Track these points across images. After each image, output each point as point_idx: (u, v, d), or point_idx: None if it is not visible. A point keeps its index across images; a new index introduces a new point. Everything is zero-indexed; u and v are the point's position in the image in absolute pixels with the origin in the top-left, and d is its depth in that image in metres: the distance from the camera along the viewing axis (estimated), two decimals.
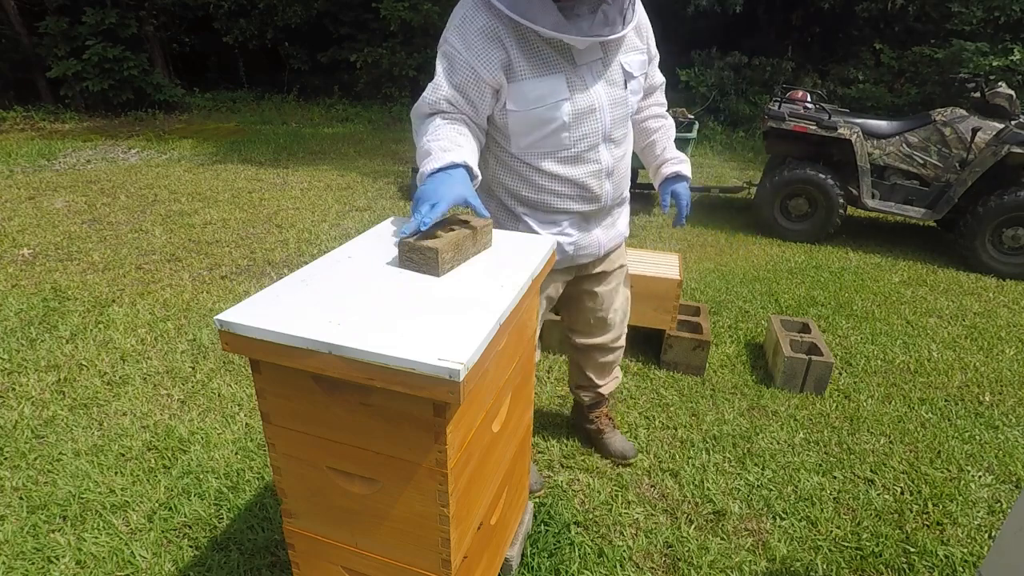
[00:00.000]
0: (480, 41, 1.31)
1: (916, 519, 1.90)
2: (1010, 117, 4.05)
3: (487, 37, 1.31)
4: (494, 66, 1.32)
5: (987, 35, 7.87)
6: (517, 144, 1.43)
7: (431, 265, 1.13)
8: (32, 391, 2.40)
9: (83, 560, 1.65)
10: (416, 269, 1.15)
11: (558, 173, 1.46)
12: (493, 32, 1.31)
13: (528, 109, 1.36)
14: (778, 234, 4.67)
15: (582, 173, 1.47)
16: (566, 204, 1.51)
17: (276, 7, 10.75)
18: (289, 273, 1.46)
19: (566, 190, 1.48)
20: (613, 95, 1.44)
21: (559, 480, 2.01)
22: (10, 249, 3.91)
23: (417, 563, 1.11)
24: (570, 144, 1.43)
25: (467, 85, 1.33)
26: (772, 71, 9.17)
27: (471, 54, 1.31)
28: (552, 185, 1.47)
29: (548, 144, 1.42)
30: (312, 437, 1.06)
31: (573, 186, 1.48)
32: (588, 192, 1.51)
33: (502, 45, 1.31)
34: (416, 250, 1.13)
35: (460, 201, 1.20)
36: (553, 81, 1.35)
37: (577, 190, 1.49)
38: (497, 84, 1.34)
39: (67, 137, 7.91)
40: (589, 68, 1.39)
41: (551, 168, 1.45)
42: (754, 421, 2.35)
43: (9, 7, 9.49)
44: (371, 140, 8.26)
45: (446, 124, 1.33)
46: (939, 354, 2.95)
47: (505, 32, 1.31)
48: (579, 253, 1.60)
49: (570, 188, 1.48)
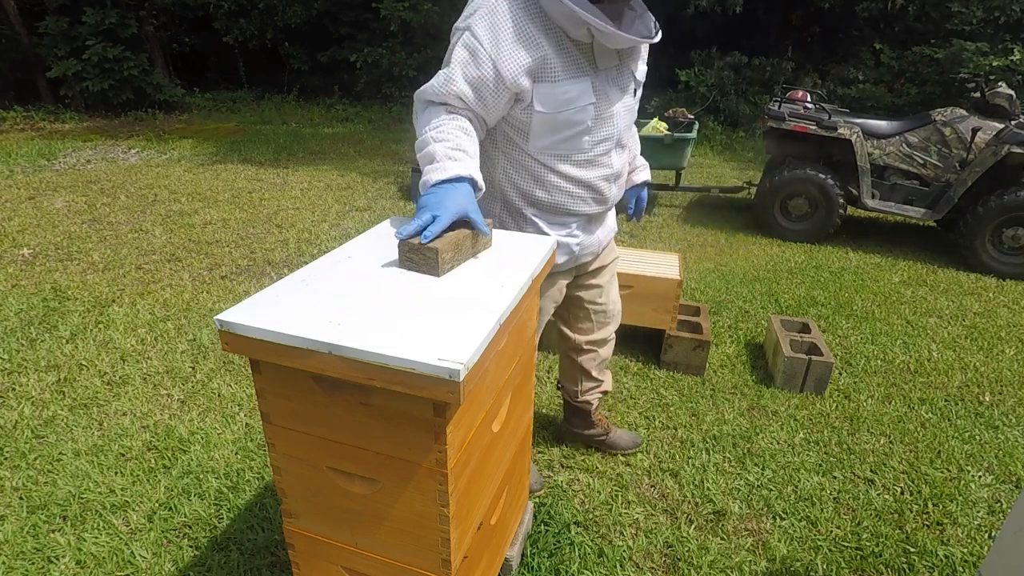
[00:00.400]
0: (510, 41, 1.26)
1: (916, 519, 1.90)
2: (1010, 117, 4.05)
3: (520, 37, 1.26)
4: (520, 69, 1.28)
5: (987, 35, 7.87)
6: (535, 145, 1.42)
7: (431, 265, 1.13)
8: (32, 391, 2.40)
9: (83, 560, 1.65)
10: (416, 269, 1.15)
11: (573, 175, 1.46)
12: (526, 32, 1.27)
13: (557, 111, 1.35)
14: (778, 234, 4.67)
15: (595, 176, 1.48)
16: (578, 206, 1.51)
17: (276, 7, 10.75)
18: (289, 273, 1.46)
19: (580, 192, 1.49)
20: (625, 102, 1.46)
21: (559, 480, 2.01)
22: (10, 249, 3.91)
23: (417, 563, 1.11)
24: (588, 148, 1.43)
25: (484, 84, 1.29)
26: (772, 71, 9.17)
27: (498, 53, 1.26)
28: (567, 187, 1.47)
29: (567, 147, 1.42)
30: (312, 437, 1.06)
31: (586, 188, 1.49)
32: (599, 195, 1.53)
33: (535, 45, 1.28)
34: (416, 250, 1.13)
35: (462, 215, 1.18)
36: (582, 84, 1.35)
37: (590, 193, 1.50)
38: (518, 88, 1.30)
39: (67, 137, 7.91)
40: (607, 74, 1.39)
41: (567, 170, 1.45)
42: (754, 421, 2.35)
43: (9, 7, 9.48)
44: (371, 140, 8.26)
45: (450, 120, 1.29)
46: (939, 354, 2.95)
47: (538, 32, 1.28)
48: (583, 252, 1.63)
49: (583, 190, 1.49)
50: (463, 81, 1.28)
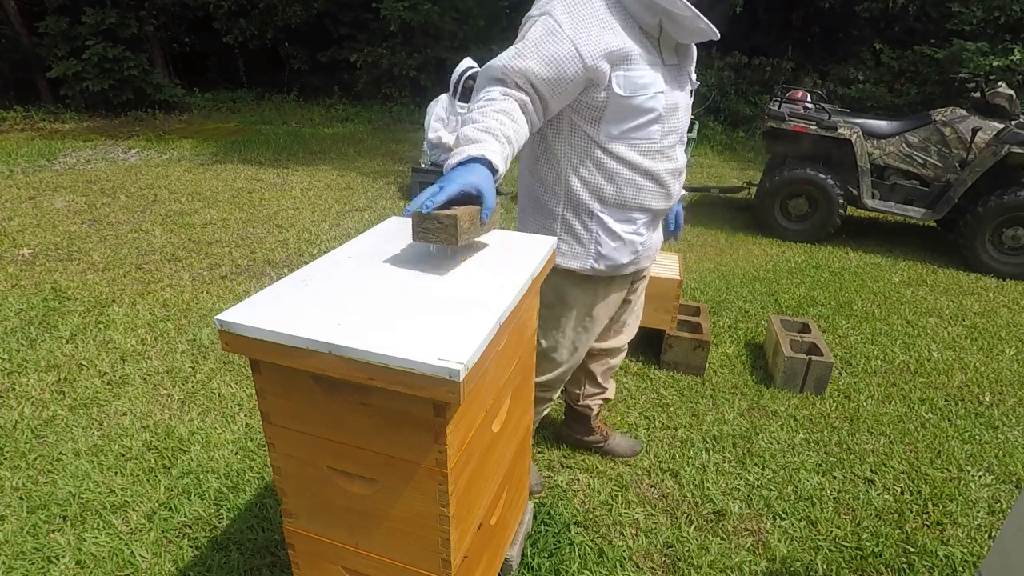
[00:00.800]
0: (590, 25, 1.28)
1: (916, 519, 1.90)
2: (1010, 117, 4.05)
3: (600, 22, 1.28)
4: (600, 52, 1.28)
5: (987, 35, 7.87)
6: (607, 132, 1.41)
7: (449, 232, 1.08)
8: (32, 391, 2.40)
9: (83, 560, 1.65)
10: (432, 239, 1.10)
11: (642, 166, 1.45)
12: (604, 18, 1.29)
13: (633, 95, 1.35)
14: (778, 234, 4.67)
15: (662, 169, 1.48)
16: (645, 200, 1.50)
17: (276, 7, 10.76)
18: (289, 273, 1.46)
19: (647, 184, 1.48)
20: (685, 99, 1.47)
21: (559, 480, 2.01)
22: (10, 249, 3.91)
23: (417, 563, 1.11)
24: (658, 138, 1.43)
25: (560, 63, 1.28)
26: (772, 71, 9.18)
27: (578, 34, 1.27)
28: (635, 178, 1.46)
29: (638, 135, 1.42)
30: (312, 437, 1.06)
31: (654, 181, 1.48)
32: (665, 189, 1.51)
33: (614, 31, 1.30)
34: (432, 218, 1.08)
35: (470, 188, 1.14)
36: (656, 73, 1.36)
37: (656, 186, 1.49)
38: (596, 71, 1.30)
39: (67, 137, 7.92)
40: (670, 70, 1.41)
41: (636, 160, 1.44)
42: (754, 421, 2.35)
43: (9, 7, 9.49)
44: (371, 140, 8.26)
45: (497, 101, 1.26)
46: (939, 354, 2.95)
47: (616, 19, 1.30)
48: (644, 255, 1.60)
49: (651, 183, 1.48)
50: (535, 58, 1.27)
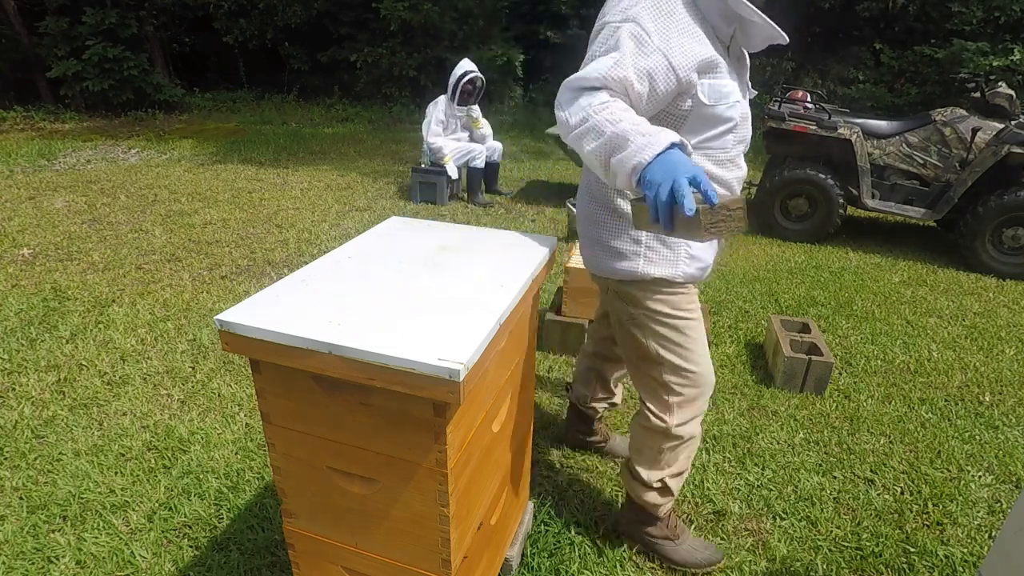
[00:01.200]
0: (679, 35, 1.26)
1: (916, 519, 1.90)
2: (1010, 117, 4.05)
3: (687, 32, 1.27)
4: (691, 64, 1.27)
5: (987, 35, 7.87)
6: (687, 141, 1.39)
7: (737, 219, 1.05)
8: (32, 391, 2.40)
9: (83, 560, 1.65)
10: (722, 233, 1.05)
11: (715, 174, 1.44)
12: (690, 27, 1.28)
13: (716, 103, 1.34)
14: (778, 234, 4.66)
15: (732, 177, 1.47)
16: None
17: (276, 7, 10.75)
18: (289, 273, 1.46)
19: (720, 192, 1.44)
20: (749, 108, 1.47)
21: (559, 480, 2.01)
22: (10, 249, 3.91)
23: (417, 563, 1.11)
24: (731, 147, 1.42)
25: (653, 76, 1.26)
26: (772, 71, 9.18)
27: (668, 46, 1.25)
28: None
29: (714, 144, 1.41)
30: (312, 437, 1.06)
31: (726, 189, 1.47)
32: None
33: (701, 41, 1.28)
34: (724, 207, 1.03)
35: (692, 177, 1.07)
36: (733, 82, 1.36)
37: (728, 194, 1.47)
38: (688, 82, 1.29)
39: (67, 137, 7.92)
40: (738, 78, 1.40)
41: (710, 169, 1.43)
42: (754, 421, 2.35)
43: (9, 7, 9.49)
44: (371, 140, 8.26)
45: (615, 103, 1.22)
46: (939, 354, 2.95)
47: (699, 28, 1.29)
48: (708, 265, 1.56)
49: (723, 191, 1.46)
50: (634, 68, 1.24)
